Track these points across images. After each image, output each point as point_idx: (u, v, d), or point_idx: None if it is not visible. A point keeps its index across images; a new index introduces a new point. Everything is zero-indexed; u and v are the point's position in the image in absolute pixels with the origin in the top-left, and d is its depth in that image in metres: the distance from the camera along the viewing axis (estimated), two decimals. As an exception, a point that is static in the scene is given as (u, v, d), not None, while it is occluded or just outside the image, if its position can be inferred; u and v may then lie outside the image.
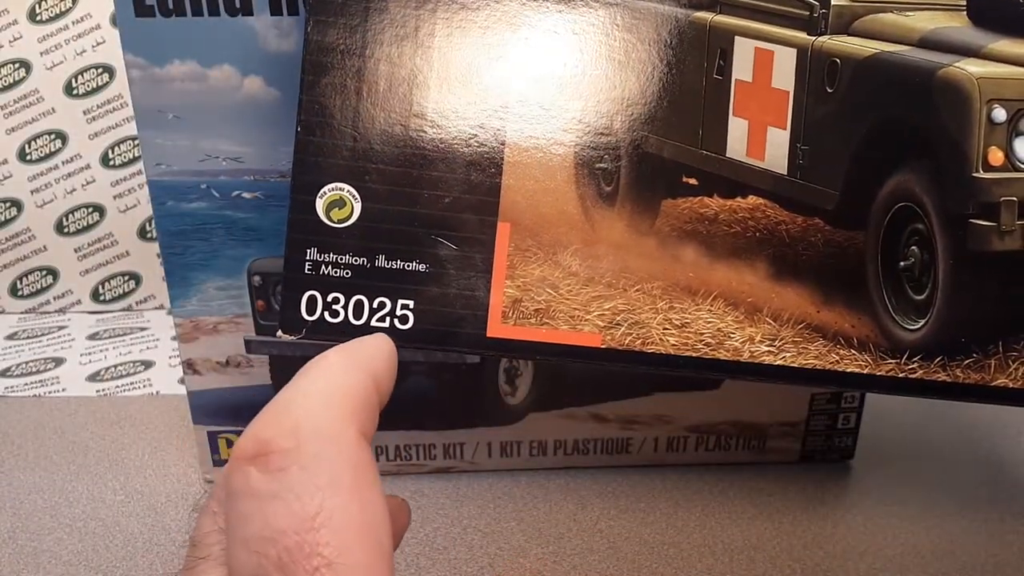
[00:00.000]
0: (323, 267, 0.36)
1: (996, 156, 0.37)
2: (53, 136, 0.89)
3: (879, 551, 0.57)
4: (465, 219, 0.36)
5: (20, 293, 0.93)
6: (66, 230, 0.92)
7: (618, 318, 0.37)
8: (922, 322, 0.38)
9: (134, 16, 0.48)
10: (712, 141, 0.38)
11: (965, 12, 0.39)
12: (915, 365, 0.38)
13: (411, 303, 0.36)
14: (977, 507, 0.62)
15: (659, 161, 0.38)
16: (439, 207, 0.36)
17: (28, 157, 0.89)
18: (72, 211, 0.91)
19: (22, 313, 0.94)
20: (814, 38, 0.38)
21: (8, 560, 0.55)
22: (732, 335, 0.37)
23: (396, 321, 0.36)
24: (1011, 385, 0.38)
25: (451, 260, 0.36)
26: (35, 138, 0.89)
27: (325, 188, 0.36)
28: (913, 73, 0.37)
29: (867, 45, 0.38)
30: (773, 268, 0.38)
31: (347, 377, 0.27)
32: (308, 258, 0.36)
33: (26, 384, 0.79)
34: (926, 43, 0.38)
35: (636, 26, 0.37)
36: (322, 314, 0.36)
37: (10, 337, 0.89)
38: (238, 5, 0.48)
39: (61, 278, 0.93)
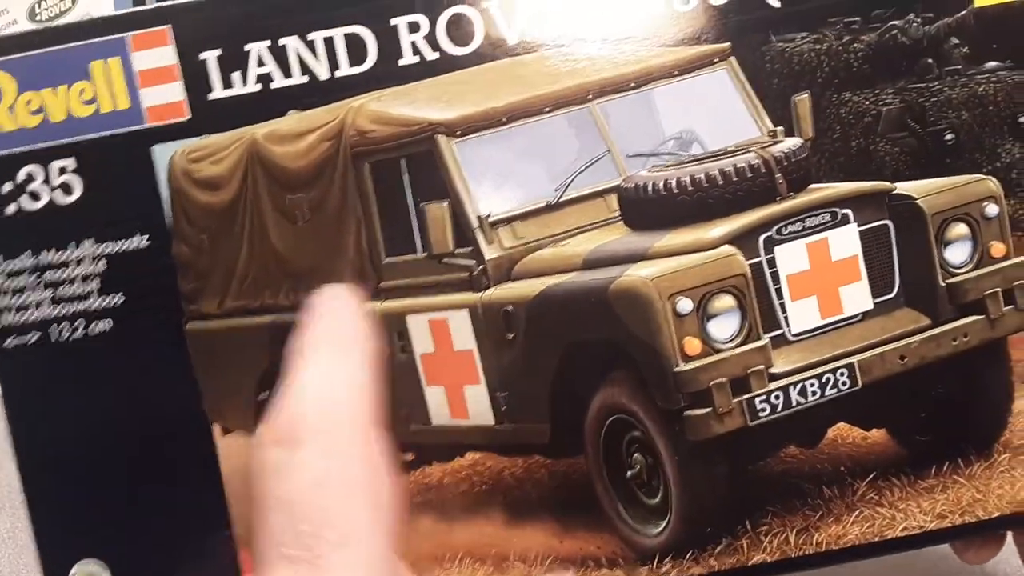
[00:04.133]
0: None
1: (693, 345, 0.41)
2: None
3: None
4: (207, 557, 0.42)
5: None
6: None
7: (376, 603, 0.42)
8: (663, 524, 0.42)
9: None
10: (415, 414, 0.43)
11: (622, 221, 0.43)
12: (668, 567, 0.41)
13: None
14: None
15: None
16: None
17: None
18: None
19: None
20: (480, 294, 0.43)
21: (8, 560, 0.59)
22: (485, 590, 0.42)
23: None
24: (769, 559, 0.41)
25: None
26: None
27: (74, 569, 0.41)
28: (587, 295, 0.42)
29: (533, 285, 0.42)
30: (508, 514, 0.42)
31: (349, 369, 0.31)
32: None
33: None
34: (591, 263, 0.42)
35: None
36: None
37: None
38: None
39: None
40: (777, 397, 0.41)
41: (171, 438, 0.41)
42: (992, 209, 0.42)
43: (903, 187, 0.42)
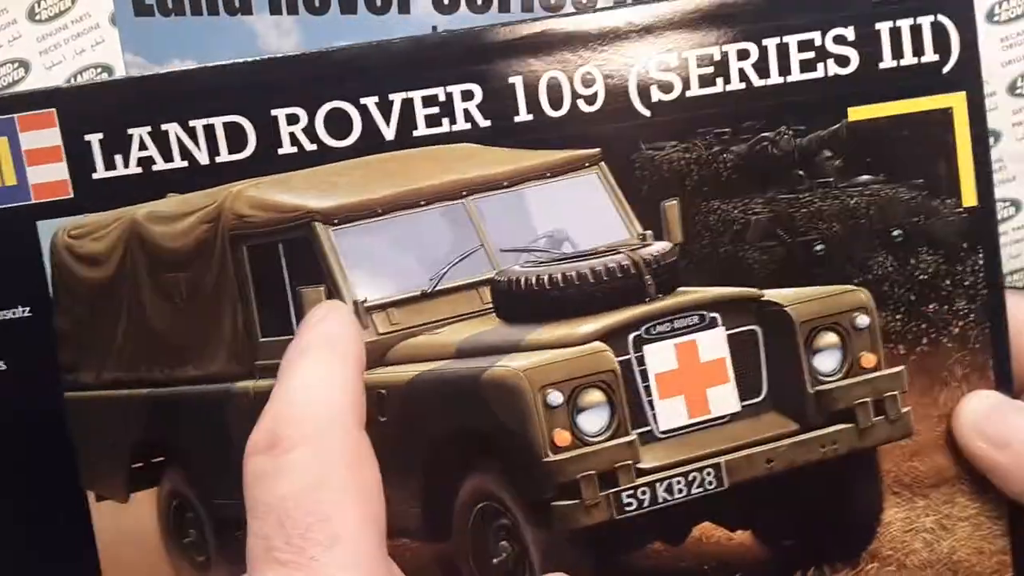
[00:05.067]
0: None
1: (563, 437, 0.42)
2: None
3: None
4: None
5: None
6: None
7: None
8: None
9: (134, 15, 0.54)
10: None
11: (494, 313, 0.44)
12: (530, 658, 0.42)
13: None
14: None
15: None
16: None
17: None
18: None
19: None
20: (354, 377, 0.44)
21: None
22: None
23: None
24: (629, 654, 0.42)
25: None
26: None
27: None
28: (457, 383, 0.42)
29: (406, 370, 0.43)
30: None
31: (335, 371, 0.33)
32: None
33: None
34: (463, 352, 0.43)
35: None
36: None
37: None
38: (238, 5, 0.53)
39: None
40: (644, 492, 0.41)
41: (46, 506, 0.42)
42: (863, 320, 0.43)
43: (773, 294, 0.43)
